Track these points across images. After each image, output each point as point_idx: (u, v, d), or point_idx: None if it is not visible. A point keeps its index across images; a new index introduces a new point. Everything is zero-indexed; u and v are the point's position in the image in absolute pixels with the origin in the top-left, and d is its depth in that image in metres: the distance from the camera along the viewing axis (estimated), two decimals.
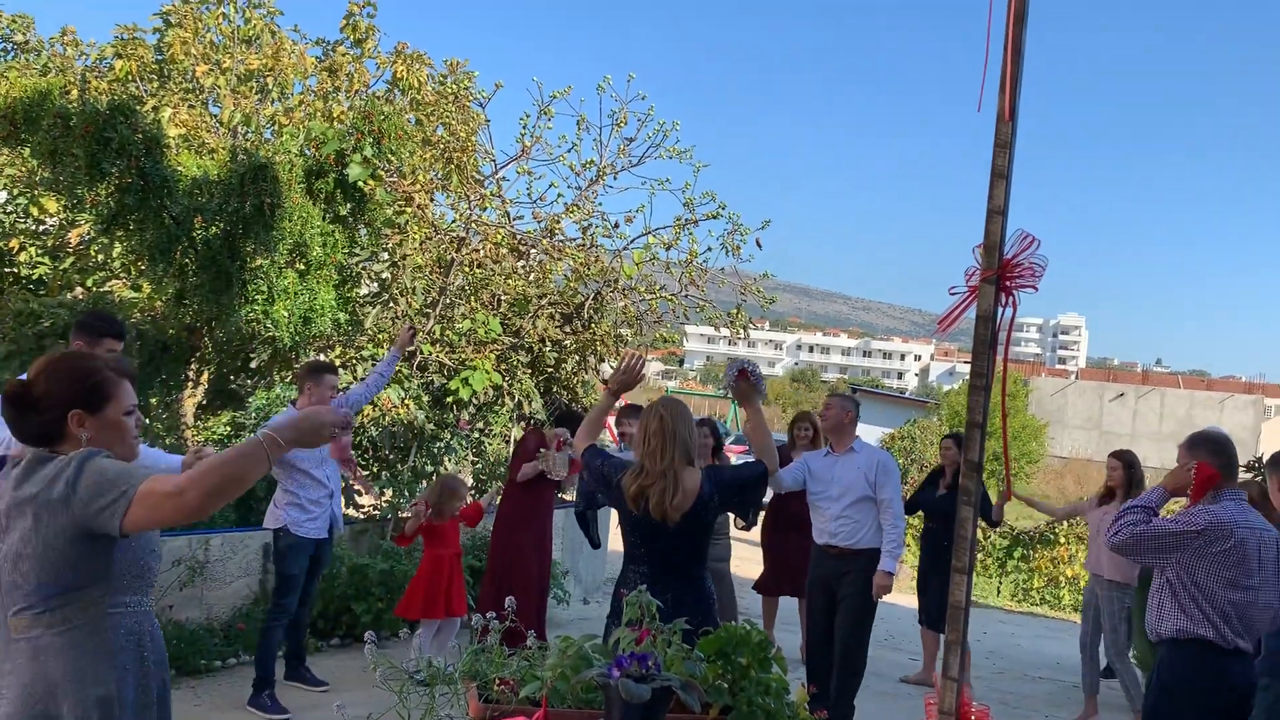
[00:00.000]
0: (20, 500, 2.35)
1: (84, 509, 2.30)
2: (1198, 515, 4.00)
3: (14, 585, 2.34)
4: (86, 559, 2.35)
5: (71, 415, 2.45)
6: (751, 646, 2.30)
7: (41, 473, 2.36)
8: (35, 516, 2.32)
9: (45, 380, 2.48)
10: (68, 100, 8.30)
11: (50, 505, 2.31)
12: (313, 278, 8.24)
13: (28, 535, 2.32)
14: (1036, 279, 2.43)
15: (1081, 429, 41.33)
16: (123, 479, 2.32)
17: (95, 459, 2.38)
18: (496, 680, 2.15)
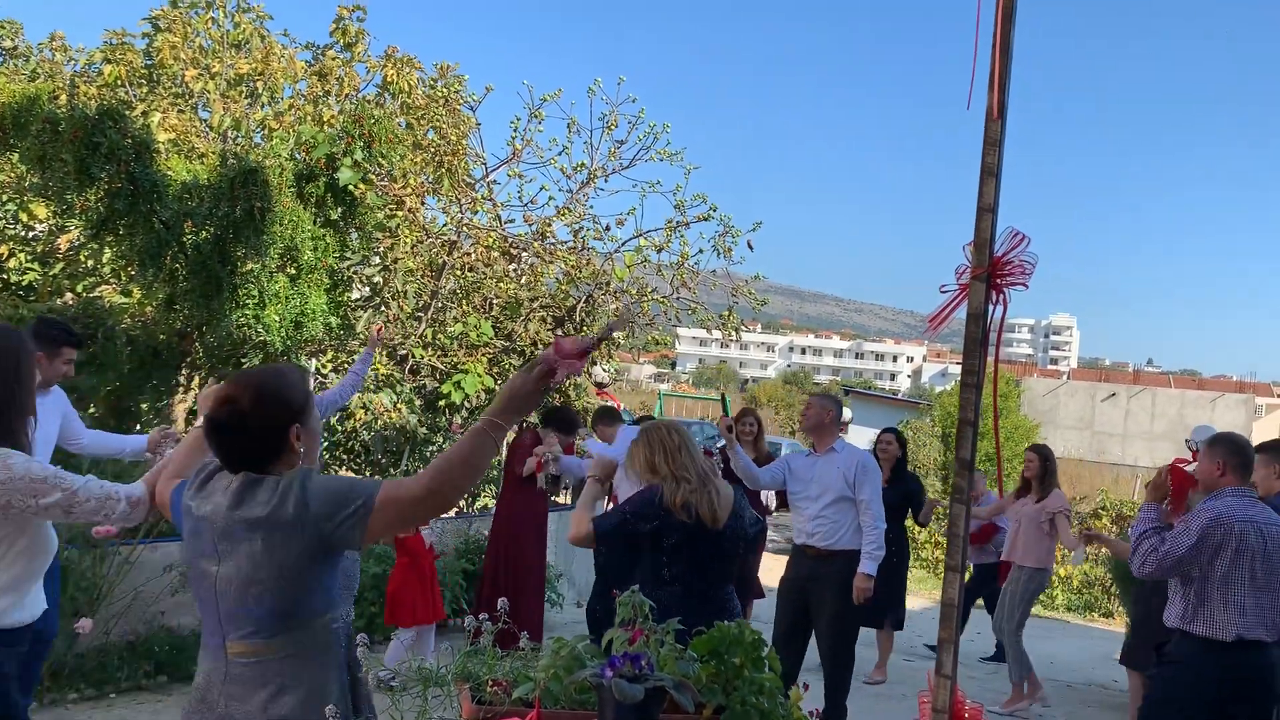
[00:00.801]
0: (242, 523, 2.24)
1: (322, 526, 2.23)
2: (1196, 518, 4.15)
3: (241, 611, 2.23)
4: (320, 577, 2.28)
5: (292, 430, 2.36)
6: (745, 646, 2.30)
7: (259, 495, 2.26)
8: (266, 540, 2.22)
9: (259, 400, 2.33)
10: (57, 105, 8.28)
11: (283, 527, 2.22)
12: (304, 282, 8.23)
13: (259, 559, 2.22)
14: (1027, 276, 2.43)
15: (1074, 429, 41.41)
16: (357, 490, 2.27)
17: (314, 475, 2.32)
18: (489, 682, 2.14)
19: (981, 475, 9.82)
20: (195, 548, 2.34)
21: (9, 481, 2.66)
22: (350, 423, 9.18)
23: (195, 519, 2.33)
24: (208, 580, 2.29)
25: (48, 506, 2.70)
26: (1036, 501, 7.44)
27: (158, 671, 6.06)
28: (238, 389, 2.35)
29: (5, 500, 2.67)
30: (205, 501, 2.32)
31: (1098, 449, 39.22)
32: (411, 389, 9.74)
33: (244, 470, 2.31)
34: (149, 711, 5.66)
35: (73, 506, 2.72)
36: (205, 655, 2.34)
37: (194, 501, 2.35)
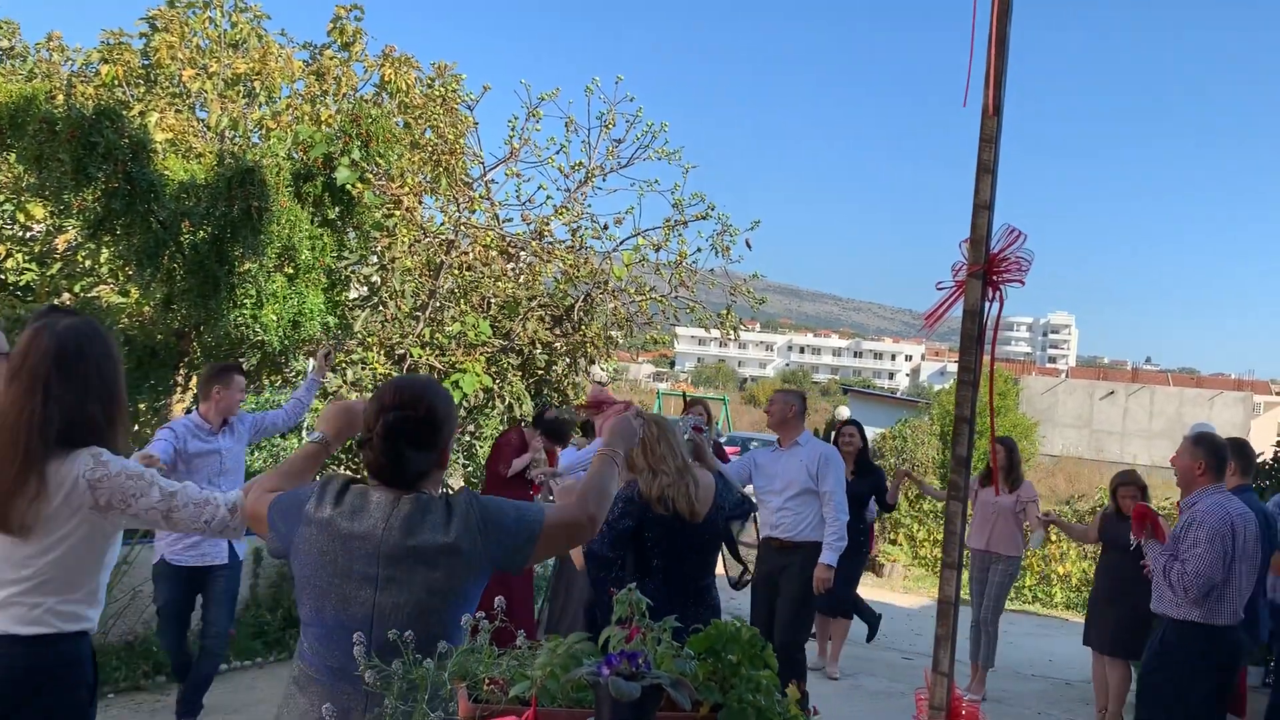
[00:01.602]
0: (422, 549, 2.18)
1: (497, 551, 2.24)
2: (1197, 528, 4.52)
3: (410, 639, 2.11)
4: (474, 602, 2.25)
5: (449, 447, 2.35)
6: (742, 644, 2.30)
7: (432, 518, 2.21)
8: (448, 566, 2.19)
9: (437, 413, 2.28)
10: (53, 105, 8.27)
11: (466, 553, 2.20)
12: (301, 281, 8.22)
13: (437, 585, 2.18)
14: (1023, 273, 2.43)
15: (1072, 427, 41.43)
16: (526, 516, 2.31)
17: (483, 497, 2.31)
18: (486, 680, 2.14)
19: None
20: (336, 568, 2.20)
21: (107, 479, 2.50)
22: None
23: (340, 536, 2.21)
24: (358, 605, 2.18)
25: (148, 509, 2.54)
26: (1010, 492, 7.60)
27: (156, 671, 6.07)
28: (410, 396, 2.28)
29: (106, 500, 2.50)
30: (353, 519, 2.21)
31: (1096, 447, 39.26)
32: None
33: (398, 485, 2.26)
34: (147, 711, 5.66)
35: (172, 510, 2.57)
36: (326, 688, 2.20)
37: (331, 516, 2.22)
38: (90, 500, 2.49)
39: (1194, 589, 4.49)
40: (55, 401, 2.49)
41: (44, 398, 2.48)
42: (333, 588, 2.21)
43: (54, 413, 2.48)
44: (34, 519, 2.44)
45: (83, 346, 2.57)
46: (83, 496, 2.48)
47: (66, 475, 2.48)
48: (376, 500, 2.24)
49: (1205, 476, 4.68)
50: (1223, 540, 4.48)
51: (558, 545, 2.42)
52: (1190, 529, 4.59)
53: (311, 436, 2.57)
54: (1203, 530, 4.52)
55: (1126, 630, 6.63)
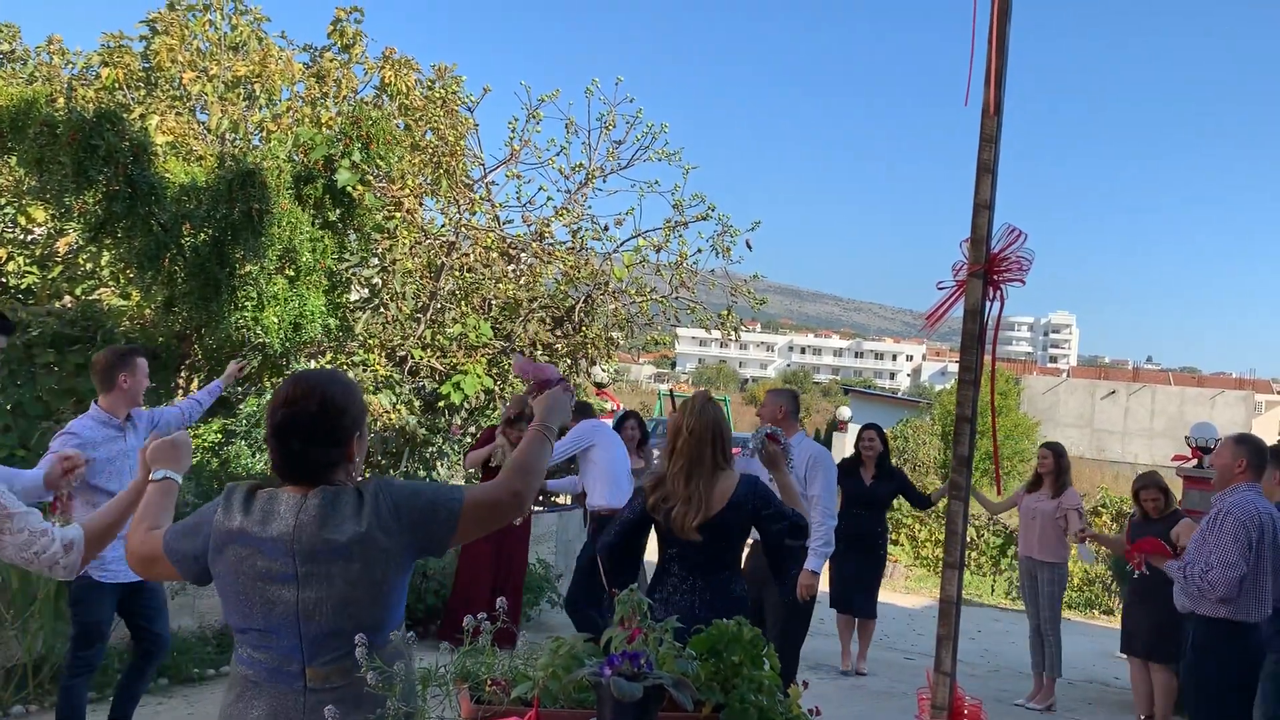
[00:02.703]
0: (334, 541, 2.14)
1: (413, 536, 2.20)
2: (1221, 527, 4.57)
3: (334, 633, 2.12)
4: (405, 587, 2.25)
5: (355, 437, 2.27)
6: (744, 644, 2.30)
7: (343, 510, 2.17)
8: (363, 557, 2.14)
9: (326, 403, 2.21)
10: (54, 108, 8.28)
11: (380, 541, 2.15)
12: (302, 283, 8.23)
13: (355, 577, 2.14)
14: (1024, 272, 2.43)
15: (1073, 427, 41.39)
16: (442, 496, 2.26)
17: (394, 483, 2.26)
18: (488, 681, 2.14)
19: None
20: (256, 573, 2.17)
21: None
22: None
23: (256, 542, 2.16)
24: (282, 606, 2.15)
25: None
26: (1052, 498, 7.49)
27: (158, 674, 6.05)
28: (301, 390, 2.23)
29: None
30: (265, 523, 2.17)
31: (1097, 446, 39.23)
32: (411, 390, 9.74)
33: (303, 481, 2.21)
34: (149, 713, 5.65)
35: (1, 532, 2.38)
36: (265, 690, 2.17)
37: (242, 523, 2.19)
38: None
39: (1220, 585, 4.49)
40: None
41: None
42: (255, 591, 2.17)
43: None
44: None
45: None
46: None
47: None
48: (285, 499, 2.20)
49: (1245, 474, 4.70)
50: (1248, 534, 4.50)
51: (483, 524, 2.32)
52: (1216, 521, 4.62)
53: (156, 474, 2.46)
54: (1229, 520, 4.55)
55: (1162, 633, 6.61)
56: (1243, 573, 4.48)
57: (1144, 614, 6.74)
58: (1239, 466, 4.70)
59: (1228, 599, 4.55)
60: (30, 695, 5.56)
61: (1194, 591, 4.64)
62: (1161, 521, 6.55)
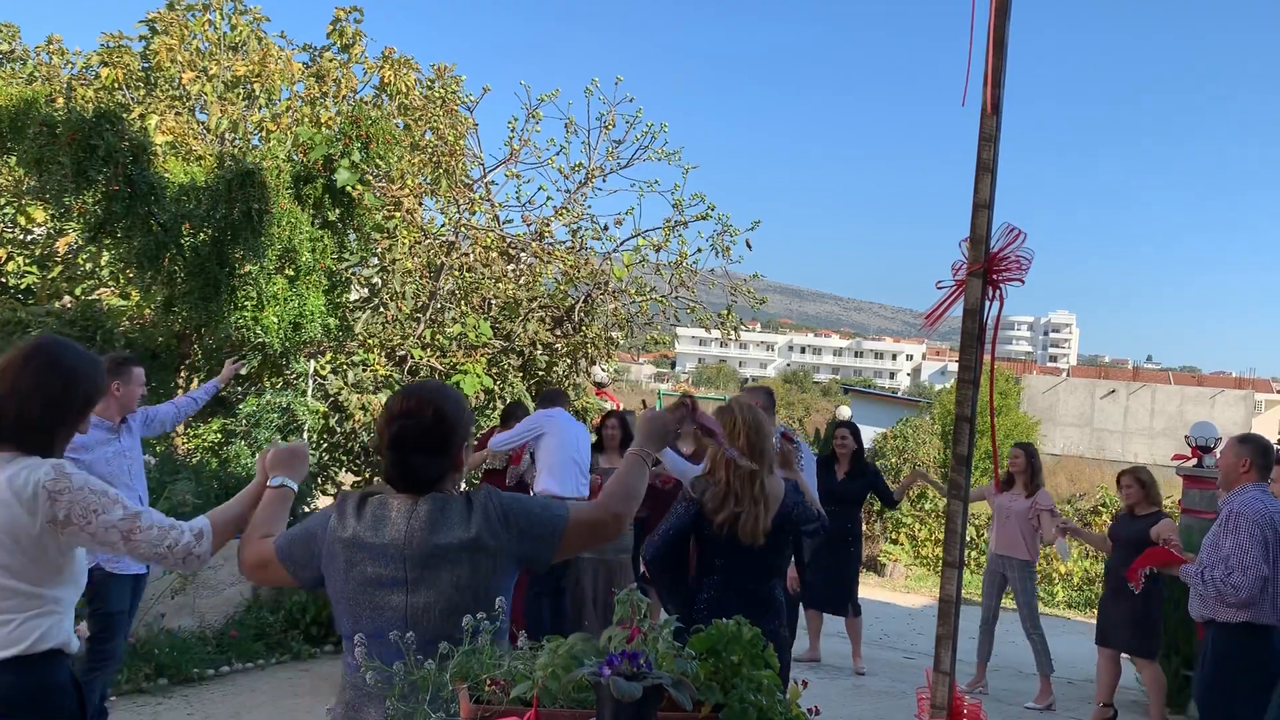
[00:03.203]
0: (444, 547, 2.23)
1: (518, 545, 2.28)
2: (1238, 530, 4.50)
3: (440, 638, 2.15)
4: (506, 597, 2.28)
5: (464, 447, 2.36)
6: (743, 644, 2.29)
7: (452, 517, 2.26)
8: (472, 563, 2.24)
9: (442, 415, 2.31)
10: (54, 108, 8.27)
11: (488, 549, 2.25)
12: (302, 283, 8.22)
13: (464, 583, 2.23)
14: (1023, 272, 2.43)
15: (1073, 426, 41.40)
16: (548, 512, 2.35)
17: (502, 495, 2.35)
18: (488, 680, 2.14)
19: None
20: (366, 578, 2.25)
21: (69, 491, 2.35)
22: (350, 424, 9.18)
23: (367, 548, 2.25)
24: (390, 611, 2.23)
25: (108, 526, 2.37)
26: (1026, 498, 7.57)
27: (158, 674, 6.06)
28: (416, 404, 2.31)
29: (65, 514, 2.35)
30: (376, 530, 2.26)
31: (1097, 446, 39.23)
32: None
33: (415, 490, 2.29)
34: (149, 714, 5.66)
35: (134, 531, 2.40)
36: (374, 696, 2.19)
37: (355, 530, 2.27)
38: (48, 512, 2.35)
39: (1244, 588, 4.43)
40: (8, 399, 2.40)
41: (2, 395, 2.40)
42: (365, 597, 2.25)
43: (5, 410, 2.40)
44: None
45: (56, 357, 2.49)
46: (41, 507, 2.35)
47: (15, 482, 2.36)
48: (396, 506, 2.28)
49: (1250, 474, 4.68)
50: (1264, 533, 4.46)
51: (583, 542, 2.43)
52: (1228, 523, 4.58)
53: (273, 481, 2.53)
54: (1243, 521, 4.50)
55: (1141, 629, 6.70)
56: (1266, 573, 4.42)
57: (1121, 609, 6.77)
58: (1243, 466, 4.68)
59: (1251, 601, 4.47)
60: None
61: (1213, 595, 4.56)
62: (1146, 519, 6.58)
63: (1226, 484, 4.79)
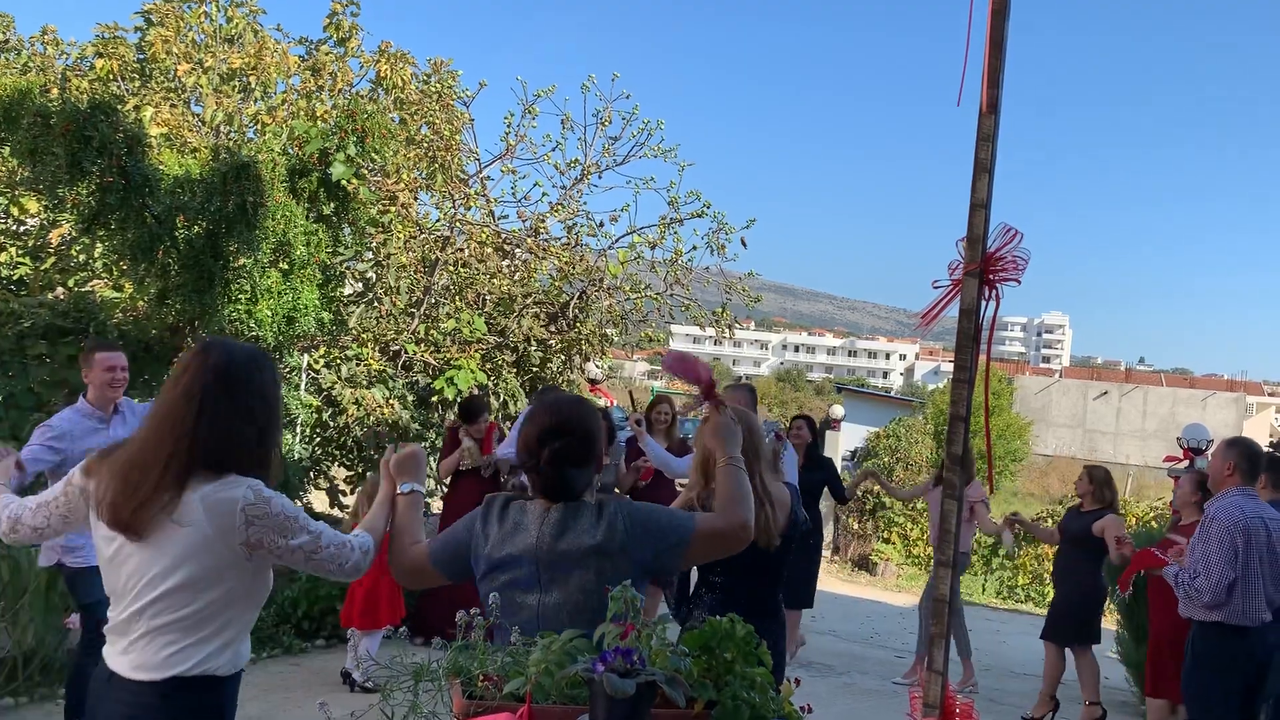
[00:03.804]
0: (572, 552, 2.36)
1: (644, 554, 2.38)
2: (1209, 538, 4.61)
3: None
4: None
5: (601, 458, 2.50)
6: (737, 641, 2.29)
7: (582, 523, 2.38)
8: (598, 568, 2.35)
9: (590, 431, 2.46)
10: (48, 99, 8.24)
11: (614, 555, 2.36)
12: (296, 277, 8.20)
13: (590, 587, 2.34)
14: (1019, 272, 2.43)
15: (1066, 427, 41.52)
16: (675, 521, 2.45)
17: (632, 503, 2.47)
18: (481, 677, 2.14)
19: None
20: (505, 581, 2.38)
21: (267, 518, 2.39)
22: (343, 419, 9.16)
23: (509, 554, 2.39)
24: (526, 611, 2.36)
25: (293, 549, 2.43)
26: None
27: None
28: (565, 421, 2.44)
29: (259, 537, 2.39)
30: (513, 536, 2.40)
31: (1090, 447, 39.32)
32: (404, 385, 9.73)
33: (567, 498, 2.42)
34: None
35: (316, 551, 2.46)
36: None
37: (498, 534, 2.42)
38: (244, 535, 2.38)
39: (1207, 591, 4.56)
40: (210, 420, 2.40)
41: (199, 413, 2.40)
42: (504, 597, 2.37)
43: (205, 431, 2.39)
44: (159, 530, 2.35)
45: (250, 371, 2.49)
46: (237, 528, 2.37)
47: (220, 500, 2.37)
48: (533, 510, 2.43)
49: (1234, 478, 4.74)
50: (1233, 539, 4.54)
51: (709, 552, 2.51)
52: (1203, 527, 4.70)
53: (403, 488, 2.64)
54: (1215, 526, 4.61)
55: (1071, 617, 6.92)
56: (1230, 578, 4.52)
57: (1062, 602, 6.99)
58: (1228, 470, 4.75)
59: (1215, 604, 4.59)
60: (20, 688, 5.53)
61: (1182, 596, 4.73)
62: (1092, 514, 6.82)
63: (1214, 487, 4.87)
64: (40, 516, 2.61)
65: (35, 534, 2.64)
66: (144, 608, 2.37)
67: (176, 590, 2.36)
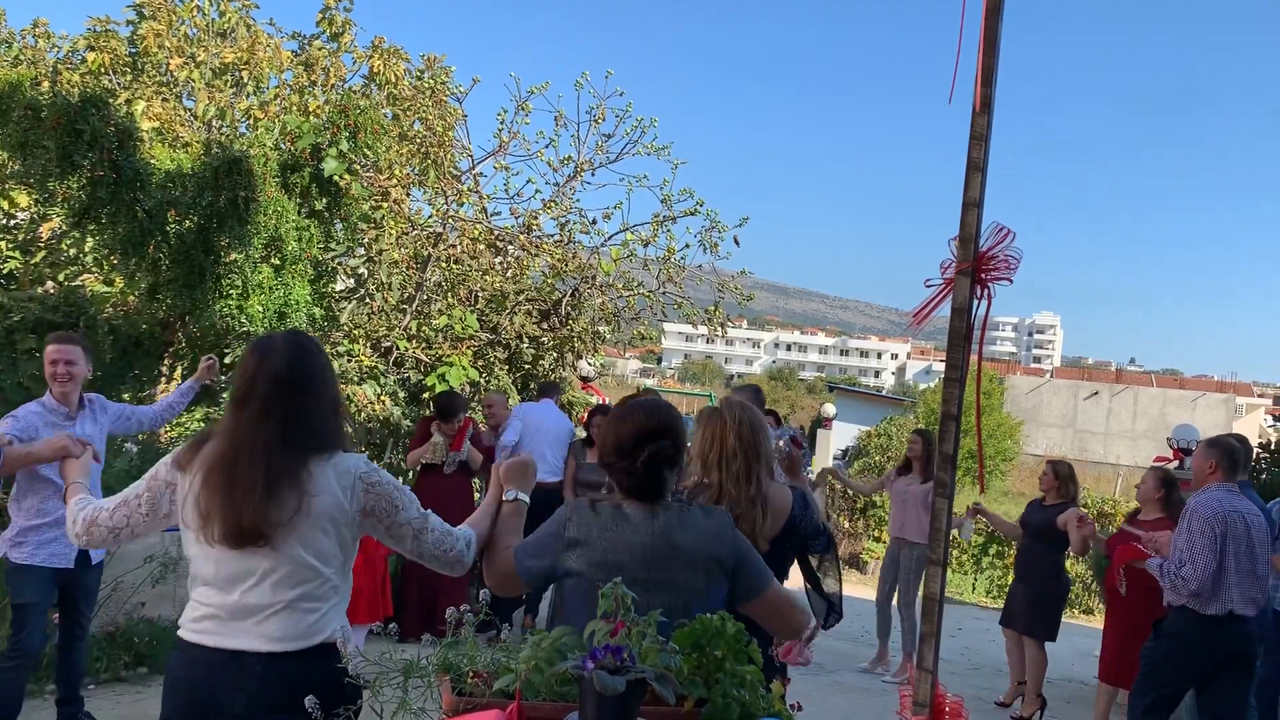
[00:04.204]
0: (686, 554, 2.45)
1: (732, 574, 2.51)
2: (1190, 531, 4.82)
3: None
4: (717, 606, 2.47)
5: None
6: (727, 639, 2.29)
7: (691, 525, 2.48)
8: (706, 570, 2.46)
9: (684, 431, 2.55)
10: (39, 92, 8.19)
11: (714, 562, 2.48)
12: (288, 272, 8.18)
13: (698, 588, 2.44)
14: (1012, 271, 2.43)
15: (1056, 427, 41.60)
16: (764, 572, 2.61)
17: (738, 531, 2.60)
18: (470, 673, 2.13)
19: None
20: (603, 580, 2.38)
21: (379, 485, 2.50)
22: None
23: (605, 550, 2.43)
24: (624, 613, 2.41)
25: (404, 523, 2.52)
26: (923, 482, 7.90)
27: (137, 663, 6.03)
28: (665, 426, 2.52)
29: (372, 506, 2.49)
30: (619, 532, 2.44)
31: (1080, 447, 39.43)
32: (395, 381, 9.71)
33: (656, 498, 2.49)
34: (128, 703, 5.63)
35: (423, 531, 2.54)
36: None
37: (593, 536, 2.45)
38: (361, 502, 2.47)
39: (1194, 579, 4.75)
40: (297, 417, 2.46)
41: (294, 412, 2.46)
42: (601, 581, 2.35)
43: (296, 425, 2.45)
44: (287, 524, 2.40)
45: (304, 361, 2.54)
46: (358, 497, 2.47)
47: (342, 471, 2.47)
48: (634, 512, 2.47)
49: (1216, 475, 4.96)
50: (1212, 529, 4.75)
51: (764, 615, 2.57)
52: (1183, 520, 4.92)
53: (508, 495, 2.66)
54: (1194, 518, 4.83)
55: (1032, 610, 7.12)
56: (1214, 567, 4.73)
57: (1026, 594, 7.17)
58: (1210, 468, 4.98)
59: (1200, 592, 4.80)
60: None
61: (1169, 586, 4.92)
62: (1054, 508, 6.96)
63: (1197, 485, 5.09)
64: (119, 516, 2.55)
65: (112, 535, 2.57)
66: (282, 579, 2.40)
67: (315, 557, 2.43)
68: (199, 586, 2.48)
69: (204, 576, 2.46)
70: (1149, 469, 6.80)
